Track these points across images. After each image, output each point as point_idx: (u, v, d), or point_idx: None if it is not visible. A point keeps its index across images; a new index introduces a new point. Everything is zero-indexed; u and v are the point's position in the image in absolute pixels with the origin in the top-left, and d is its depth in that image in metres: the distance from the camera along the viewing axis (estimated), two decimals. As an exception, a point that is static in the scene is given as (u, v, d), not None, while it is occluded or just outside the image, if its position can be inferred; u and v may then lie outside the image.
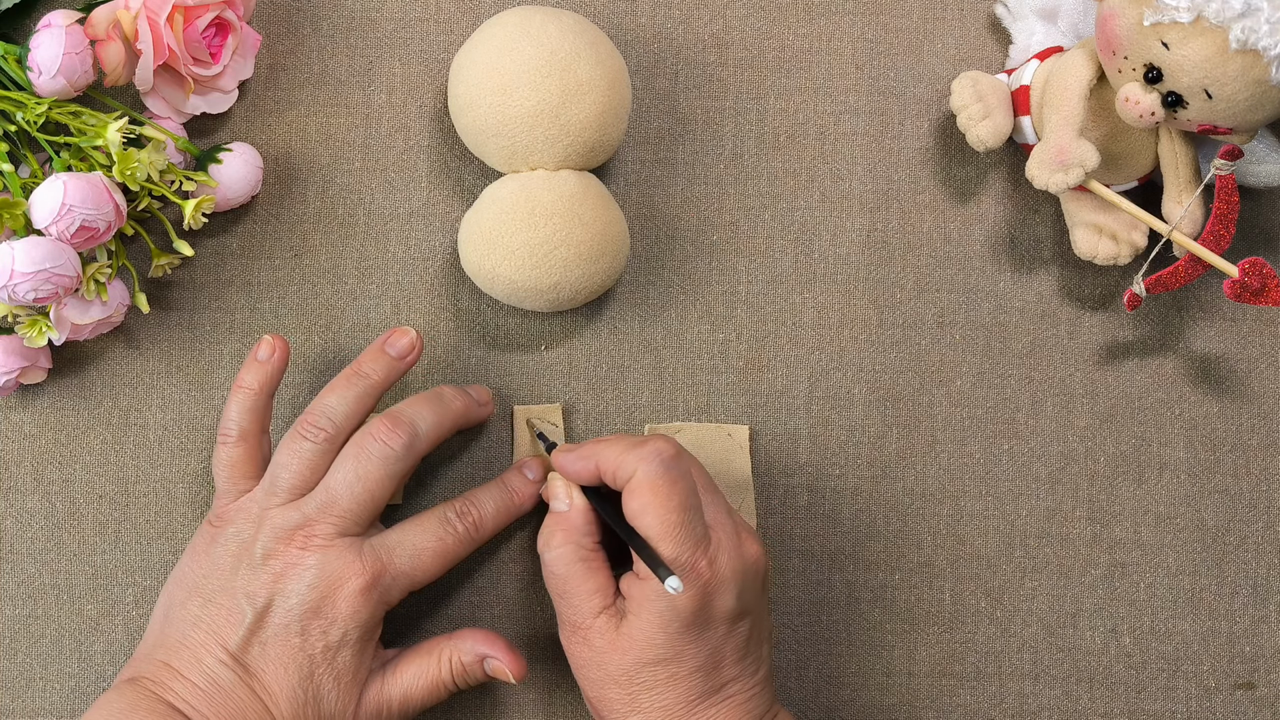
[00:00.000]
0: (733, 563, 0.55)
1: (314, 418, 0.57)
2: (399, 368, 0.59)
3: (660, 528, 0.54)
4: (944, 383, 0.64)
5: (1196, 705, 0.64)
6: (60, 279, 0.54)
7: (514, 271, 0.58)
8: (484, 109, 0.58)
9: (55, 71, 0.55)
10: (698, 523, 0.55)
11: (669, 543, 0.53)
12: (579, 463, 0.57)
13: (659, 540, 0.54)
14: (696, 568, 0.54)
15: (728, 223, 0.64)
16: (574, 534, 0.56)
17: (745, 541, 0.56)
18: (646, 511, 0.54)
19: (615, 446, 0.56)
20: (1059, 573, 0.64)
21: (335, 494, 0.56)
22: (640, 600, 0.54)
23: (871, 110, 0.64)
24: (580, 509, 0.57)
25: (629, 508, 0.55)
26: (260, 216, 0.63)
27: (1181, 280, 0.60)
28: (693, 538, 0.54)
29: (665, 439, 0.56)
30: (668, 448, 0.55)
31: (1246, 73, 0.54)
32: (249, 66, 0.62)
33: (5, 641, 0.62)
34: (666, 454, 0.55)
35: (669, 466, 0.55)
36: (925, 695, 0.64)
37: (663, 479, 0.54)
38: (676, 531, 0.54)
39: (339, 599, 0.54)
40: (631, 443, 0.56)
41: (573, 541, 0.56)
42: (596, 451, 0.56)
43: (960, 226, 0.65)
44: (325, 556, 0.55)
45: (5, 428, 0.62)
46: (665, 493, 0.54)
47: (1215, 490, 0.65)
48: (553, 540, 0.57)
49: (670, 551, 0.53)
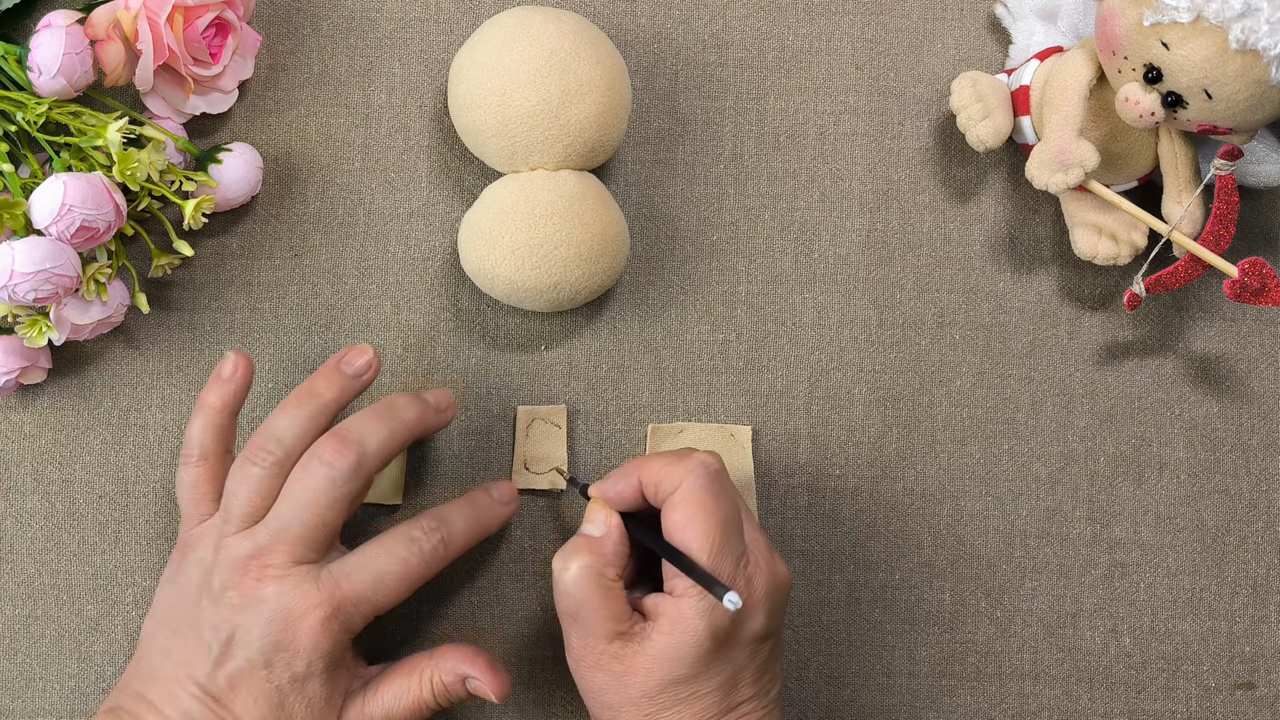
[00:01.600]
0: (767, 583, 0.54)
1: (263, 440, 0.54)
2: (354, 386, 0.56)
3: (703, 542, 0.52)
4: (944, 383, 0.64)
5: (1196, 705, 0.64)
6: (60, 279, 0.54)
7: (514, 271, 0.58)
8: (484, 109, 0.58)
9: (55, 71, 0.55)
10: (739, 540, 0.54)
11: (711, 558, 0.52)
12: (619, 483, 0.55)
13: (701, 555, 0.52)
14: (735, 585, 0.53)
15: (728, 223, 0.64)
16: (599, 560, 0.54)
17: (777, 561, 0.55)
18: (691, 524, 0.53)
19: (659, 459, 0.55)
20: (1059, 573, 0.64)
21: (285, 522, 0.53)
22: (674, 619, 0.53)
23: (871, 110, 0.64)
24: (615, 537, 0.55)
25: (671, 520, 0.53)
26: (260, 216, 0.63)
27: (1181, 280, 0.60)
28: (734, 555, 0.53)
29: (711, 453, 0.55)
30: (714, 461, 0.54)
31: (1246, 73, 0.54)
32: (249, 66, 0.62)
33: (5, 641, 0.62)
34: (713, 468, 0.54)
35: (715, 480, 0.53)
36: (926, 695, 0.64)
37: (708, 492, 0.53)
38: (720, 547, 0.53)
39: (299, 632, 0.53)
40: (676, 456, 0.54)
41: (594, 567, 0.54)
42: (639, 468, 0.55)
43: (960, 226, 0.65)
44: (281, 588, 0.53)
45: (5, 428, 0.62)
46: (711, 507, 0.53)
47: (1215, 490, 0.65)
48: (572, 561, 0.54)
49: (710, 566, 0.52)
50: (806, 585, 0.64)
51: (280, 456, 0.54)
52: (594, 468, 0.63)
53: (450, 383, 0.63)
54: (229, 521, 0.54)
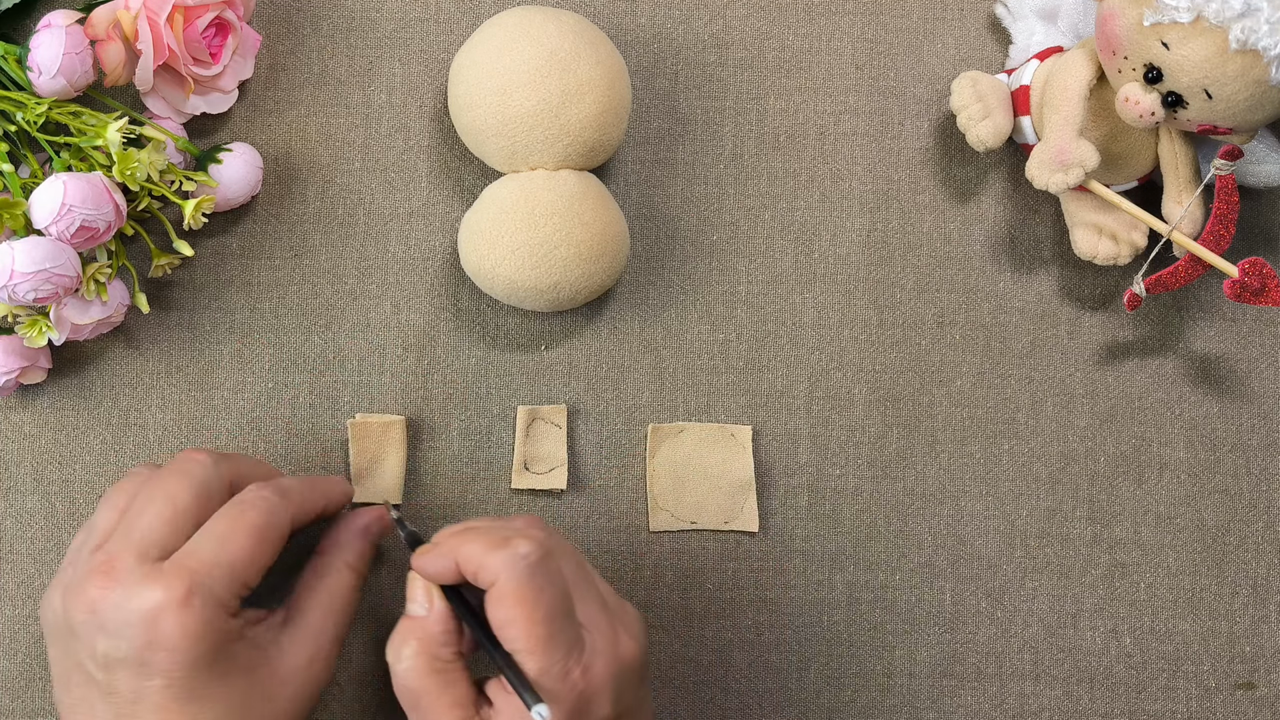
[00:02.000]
0: (609, 666, 0.51)
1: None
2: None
3: (527, 641, 0.49)
4: (944, 383, 0.64)
5: (1197, 705, 0.64)
6: (60, 279, 0.54)
7: (514, 271, 0.58)
8: (484, 109, 0.58)
9: (55, 71, 0.55)
10: (569, 629, 0.50)
11: (537, 656, 0.49)
12: (438, 562, 0.52)
13: (526, 654, 0.50)
14: (570, 678, 0.50)
15: (728, 223, 0.64)
16: (430, 644, 0.52)
17: (621, 639, 0.52)
18: (513, 623, 0.50)
19: (475, 545, 0.51)
20: (1059, 573, 0.64)
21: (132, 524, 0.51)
22: (509, 715, 0.50)
23: (871, 110, 0.64)
24: (439, 616, 0.52)
25: (494, 617, 0.50)
26: (260, 216, 0.63)
27: (1181, 280, 0.60)
28: (563, 647, 0.50)
29: (530, 538, 0.51)
30: (532, 550, 0.50)
31: (1246, 73, 0.54)
32: (249, 66, 0.62)
33: (5, 641, 0.62)
34: (532, 557, 0.50)
35: (535, 572, 0.50)
36: (926, 695, 0.64)
37: (529, 586, 0.50)
38: (545, 644, 0.49)
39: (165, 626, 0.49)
40: (493, 542, 0.51)
41: (428, 652, 0.51)
42: (455, 549, 0.52)
43: (960, 226, 0.65)
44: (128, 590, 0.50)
45: (5, 428, 0.62)
46: (532, 601, 0.50)
47: (1215, 490, 0.65)
48: (404, 650, 0.52)
49: (540, 664, 0.49)
50: (807, 586, 0.64)
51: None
52: (594, 467, 0.63)
53: (450, 382, 0.63)
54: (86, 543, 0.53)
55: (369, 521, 0.58)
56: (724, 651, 0.63)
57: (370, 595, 0.62)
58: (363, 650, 0.62)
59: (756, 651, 0.63)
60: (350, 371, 0.63)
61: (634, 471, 0.63)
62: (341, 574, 0.56)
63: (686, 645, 0.63)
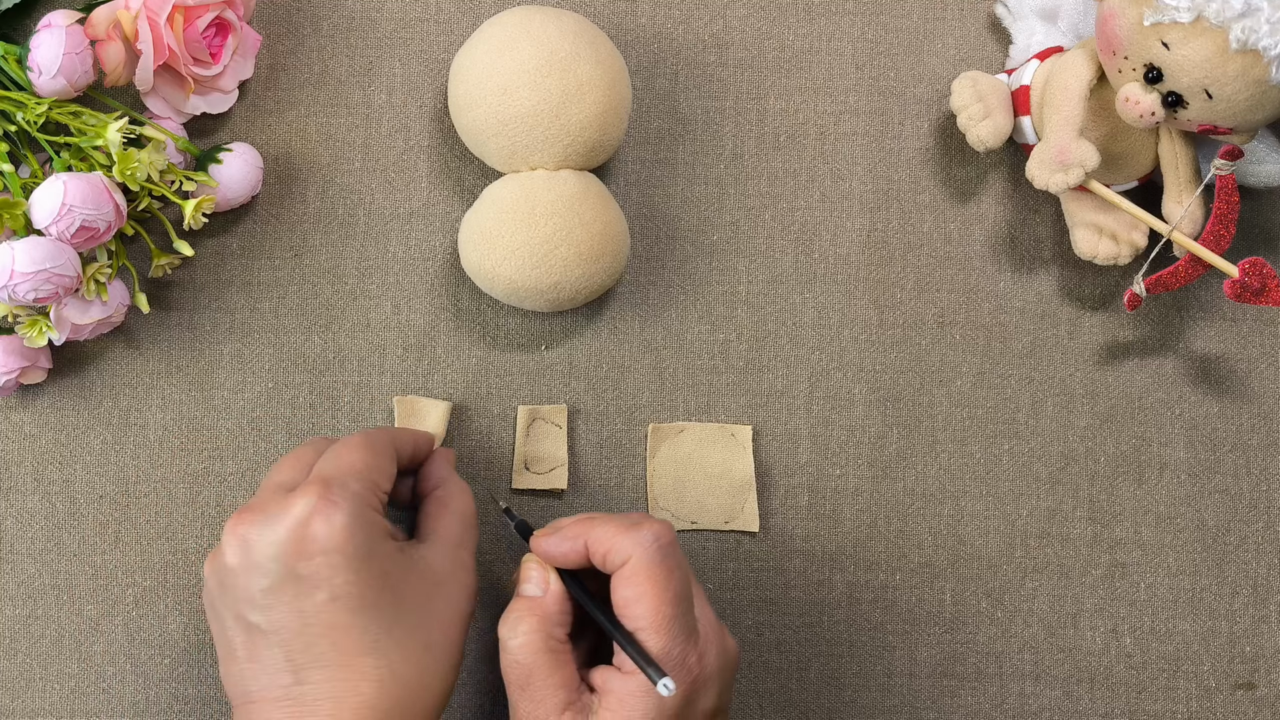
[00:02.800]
0: (718, 659, 0.52)
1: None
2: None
3: (654, 619, 0.51)
4: (944, 383, 0.64)
5: (1197, 705, 0.64)
6: (60, 279, 0.54)
7: (514, 271, 0.58)
8: (484, 109, 0.58)
9: (55, 71, 0.55)
10: (690, 616, 0.52)
11: (662, 635, 0.51)
12: (564, 544, 0.53)
13: (651, 631, 0.51)
14: (687, 663, 0.51)
15: (728, 223, 0.64)
16: (546, 622, 0.53)
17: (727, 636, 0.54)
18: (642, 600, 0.51)
19: (607, 527, 0.52)
20: (1059, 573, 0.64)
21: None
22: (621, 696, 0.51)
23: (871, 110, 0.64)
24: (556, 596, 0.53)
25: (621, 594, 0.51)
26: (260, 216, 0.63)
27: (1181, 280, 0.60)
28: (685, 631, 0.51)
29: (663, 523, 0.53)
30: (665, 533, 0.52)
31: (1246, 73, 0.54)
32: (249, 66, 0.62)
33: (5, 641, 0.62)
34: (664, 540, 0.52)
35: (666, 554, 0.51)
36: (926, 696, 0.64)
37: (660, 567, 0.51)
38: (671, 624, 0.51)
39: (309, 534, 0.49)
40: (625, 524, 0.52)
41: (543, 630, 0.52)
42: (586, 531, 0.53)
43: (960, 226, 0.65)
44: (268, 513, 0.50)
45: (5, 428, 0.62)
46: (663, 582, 0.51)
47: (1215, 490, 0.65)
48: (520, 626, 0.53)
49: (663, 644, 0.51)
50: (807, 586, 0.64)
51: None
52: (594, 467, 0.63)
53: (450, 382, 0.63)
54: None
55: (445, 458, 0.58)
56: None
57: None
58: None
59: (756, 651, 0.63)
60: (350, 371, 0.63)
61: (634, 471, 0.63)
62: (459, 494, 0.56)
63: (686, 645, 0.63)
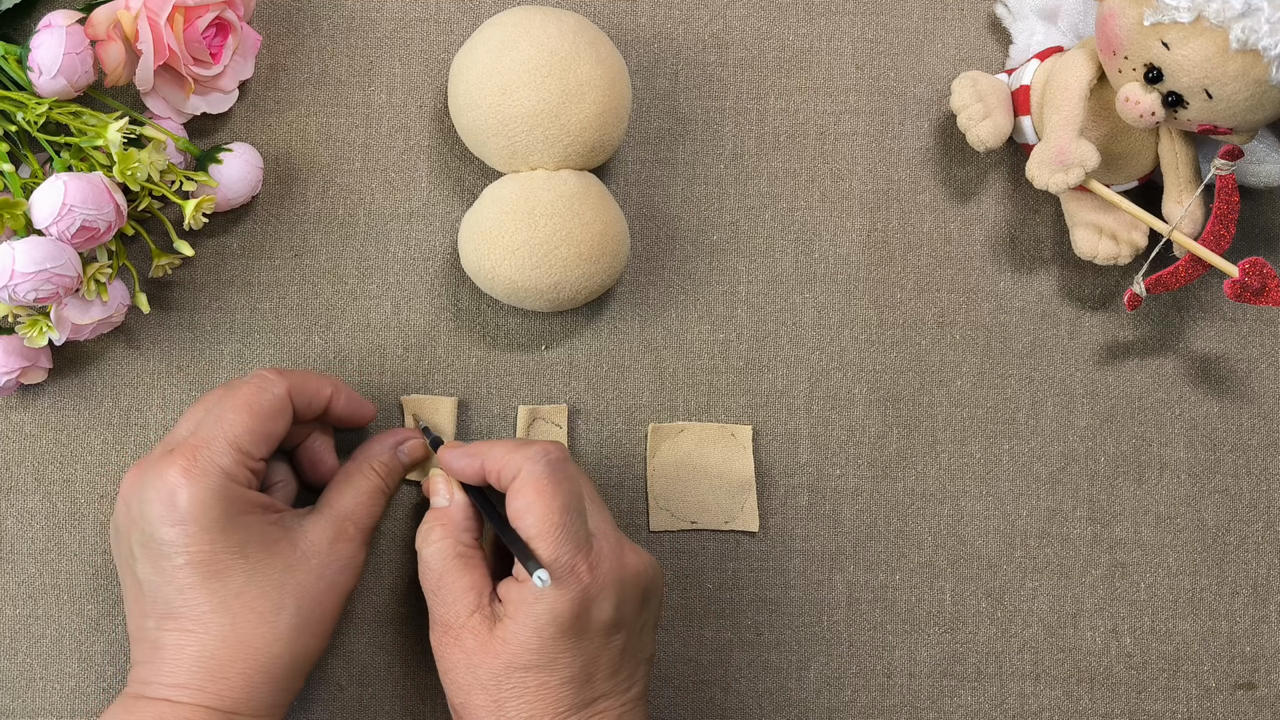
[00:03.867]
0: (613, 571, 0.54)
1: None
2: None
3: (541, 526, 0.53)
4: (944, 383, 0.64)
5: (1197, 705, 0.64)
6: (60, 279, 0.54)
7: (514, 271, 0.58)
8: (484, 109, 0.58)
9: (56, 71, 0.55)
10: (580, 526, 0.54)
11: (549, 542, 0.53)
12: (463, 459, 0.57)
13: (539, 539, 0.53)
14: (576, 571, 0.53)
15: (728, 223, 0.64)
16: (453, 529, 0.56)
17: (627, 552, 0.55)
18: (529, 510, 0.53)
19: (502, 446, 0.55)
20: (1059, 573, 0.64)
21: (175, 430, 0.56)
22: (518, 603, 0.53)
23: (871, 110, 0.64)
24: (460, 505, 0.57)
25: (512, 506, 0.54)
26: (260, 216, 0.63)
27: (1181, 280, 0.60)
28: (574, 540, 0.53)
29: (554, 443, 0.56)
30: (555, 450, 0.55)
31: (1246, 73, 0.54)
32: (249, 66, 0.62)
33: (5, 641, 0.62)
34: (553, 455, 0.54)
35: (555, 468, 0.54)
36: (926, 696, 0.64)
37: (547, 479, 0.53)
38: (558, 532, 0.53)
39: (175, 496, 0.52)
40: (518, 443, 0.56)
41: (451, 537, 0.56)
42: (483, 450, 0.56)
43: (960, 226, 0.65)
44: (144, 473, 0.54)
45: (5, 428, 0.62)
46: (550, 493, 0.53)
47: (1215, 490, 0.65)
48: (430, 535, 0.56)
49: (550, 552, 0.52)
50: (807, 586, 0.64)
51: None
52: (594, 467, 0.63)
53: (450, 382, 0.63)
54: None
55: (403, 439, 0.60)
56: (724, 651, 0.63)
57: (372, 594, 0.62)
58: (365, 649, 0.62)
59: (756, 651, 0.63)
60: (350, 371, 0.63)
61: (634, 471, 0.63)
62: (367, 475, 0.59)
63: (686, 645, 0.63)
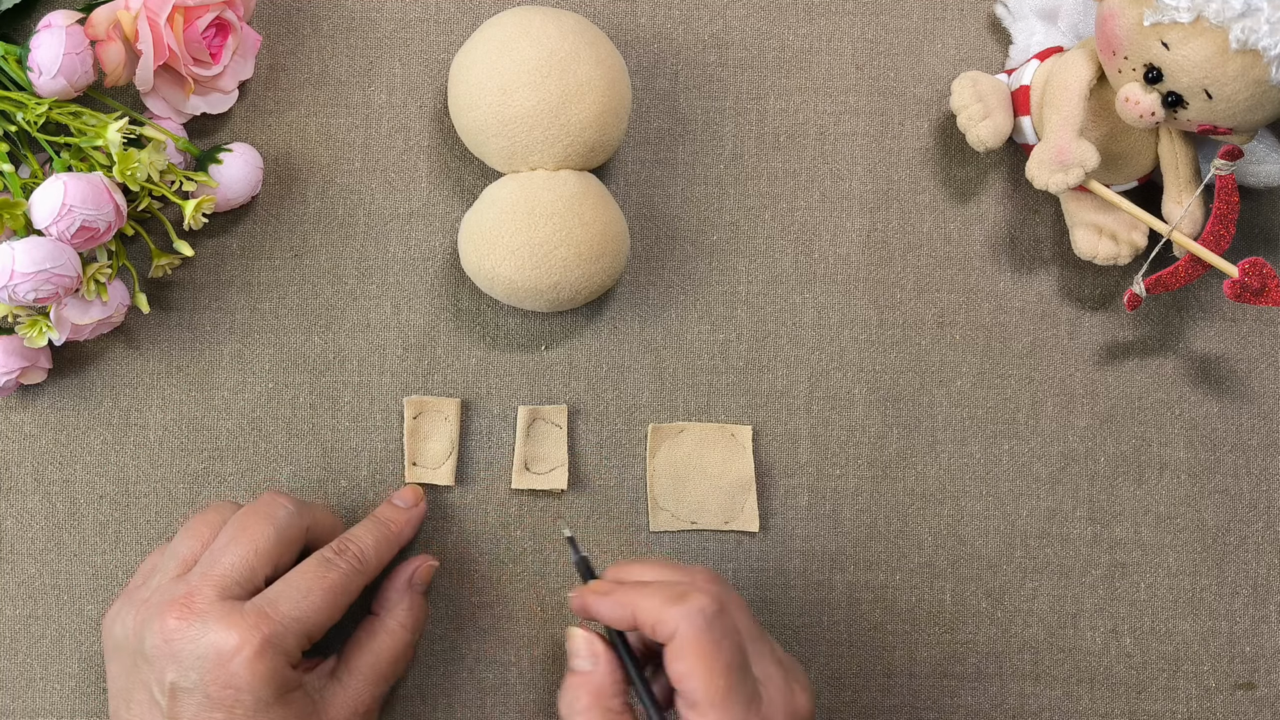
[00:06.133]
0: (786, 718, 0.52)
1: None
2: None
3: (708, 693, 0.50)
4: (944, 383, 0.64)
5: (1197, 705, 0.64)
6: (60, 279, 0.54)
7: (514, 271, 0.58)
8: (484, 109, 0.58)
9: (55, 72, 0.55)
10: (747, 683, 0.51)
11: (718, 709, 0.50)
12: (615, 610, 0.53)
13: (708, 706, 0.50)
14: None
15: (728, 223, 0.64)
16: (601, 696, 0.53)
17: (796, 693, 0.53)
18: (693, 675, 0.51)
19: (654, 599, 0.52)
20: (1059, 573, 0.64)
21: (216, 557, 0.54)
22: None
23: (871, 110, 0.64)
24: (607, 669, 0.54)
25: (674, 668, 0.51)
26: (260, 216, 0.63)
27: (1181, 280, 0.60)
28: (743, 700, 0.51)
29: (707, 592, 0.52)
30: (710, 604, 0.52)
31: (1246, 73, 0.54)
32: (249, 66, 0.62)
33: (5, 641, 0.62)
34: (709, 611, 0.51)
35: (713, 624, 0.51)
36: (926, 696, 0.64)
37: (707, 639, 0.51)
38: (725, 696, 0.50)
39: (236, 668, 0.52)
40: (671, 595, 0.52)
41: (600, 705, 0.53)
42: (634, 601, 0.53)
43: (960, 226, 0.65)
44: (206, 625, 0.52)
45: (5, 428, 0.62)
46: (712, 654, 0.51)
47: (1215, 490, 0.65)
48: (576, 705, 0.53)
49: (719, 717, 0.50)
50: (807, 586, 0.64)
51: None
52: (594, 467, 0.63)
53: (450, 382, 0.63)
54: (165, 568, 0.55)
55: (413, 573, 0.60)
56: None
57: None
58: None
59: (756, 651, 0.63)
60: (350, 371, 0.63)
61: (634, 471, 0.63)
62: (394, 634, 0.58)
63: (686, 645, 0.63)
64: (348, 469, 0.62)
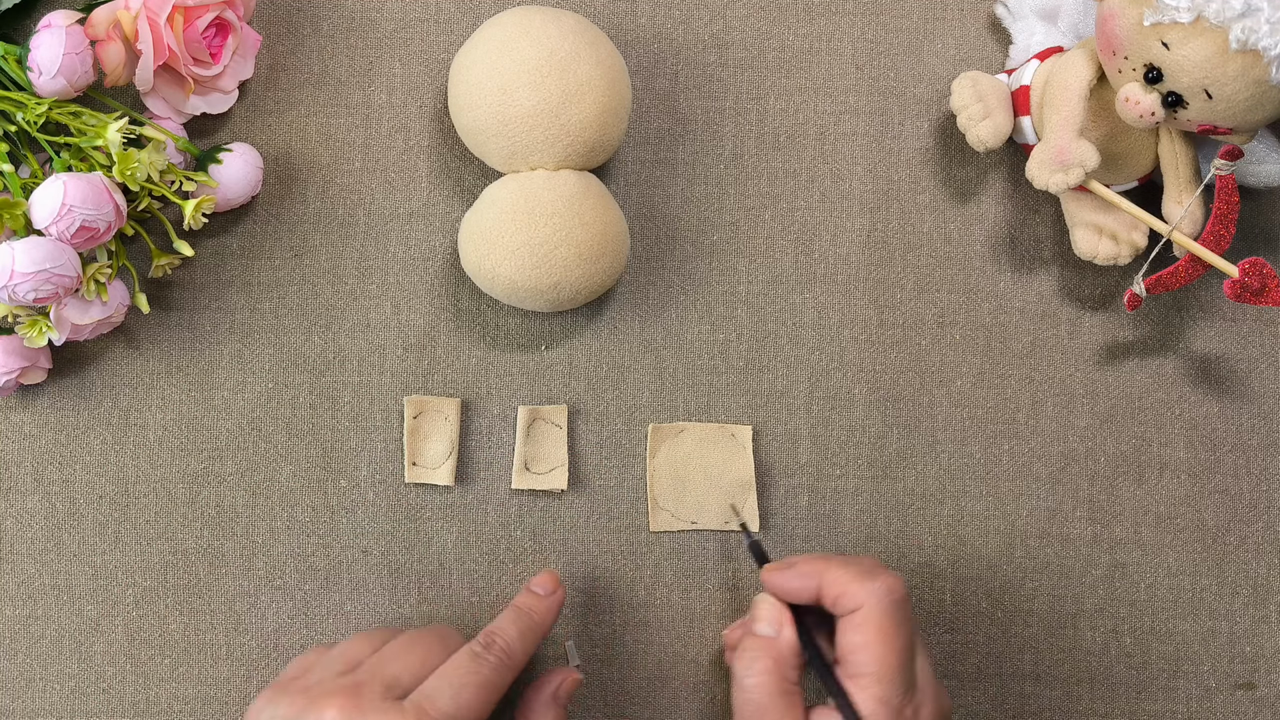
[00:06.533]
0: (933, 715, 0.54)
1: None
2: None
3: (879, 668, 0.52)
4: (944, 383, 0.64)
5: (1197, 705, 0.64)
6: (60, 279, 0.54)
7: (514, 271, 0.58)
8: (484, 109, 0.58)
9: (55, 72, 0.55)
10: (911, 668, 0.53)
11: (884, 685, 0.52)
12: (798, 580, 0.55)
13: (874, 680, 0.52)
14: (903, 713, 0.52)
15: (728, 223, 0.64)
16: (781, 664, 0.54)
17: (943, 694, 0.55)
18: (868, 648, 0.52)
19: (844, 571, 0.54)
20: (1059, 573, 0.64)
21: (384, 661, 0.55)
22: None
23: (871, 110, 0.64)
24: (790, 640, 0.55)
25: (849, 639, 0.53)
26: (260, 216, 0.63)
27: (1181, 280, 0.60)
28: (905, 683, 0.53)
29: (896, 577, 0.54)
30: (899, 587, 0.54)
31: (1246, 73, 0.54)
32: (249, 66, 0.62)
33: (5, 641, 0.62)
34: (897, 594, 0.53)
35: (898, 608, 0.53)
36: (925, 695, 0.64)
37: (890, 619, 0.53)
38: (893, 674, 0.52)
39: None
40: (861, 571, 0.54)
41: (778, 672, 0.54)
42: (821, 572, 0.55)
43: (960, 226, 0.65)
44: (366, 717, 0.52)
45: (5, 428, 0.62)
46: (891, 634, 0.52)
47: (1215, 490, 0.65)
48: (755, 666, 0.54)
49: (883, 692, 0.52)
50: (807, 585, 0.64)
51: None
52: (594, 467, 0.63)
53: (450, 382, 0.63)
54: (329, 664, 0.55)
55: (558, 686, 0.60)
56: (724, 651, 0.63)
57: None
58: None
59: (756, 651, 0.63)
60: (350, 371, 0.63)
61: (634, 471, 0.63)
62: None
63: (686, 645, 0.63)
64: (348, 469, 0.62)
